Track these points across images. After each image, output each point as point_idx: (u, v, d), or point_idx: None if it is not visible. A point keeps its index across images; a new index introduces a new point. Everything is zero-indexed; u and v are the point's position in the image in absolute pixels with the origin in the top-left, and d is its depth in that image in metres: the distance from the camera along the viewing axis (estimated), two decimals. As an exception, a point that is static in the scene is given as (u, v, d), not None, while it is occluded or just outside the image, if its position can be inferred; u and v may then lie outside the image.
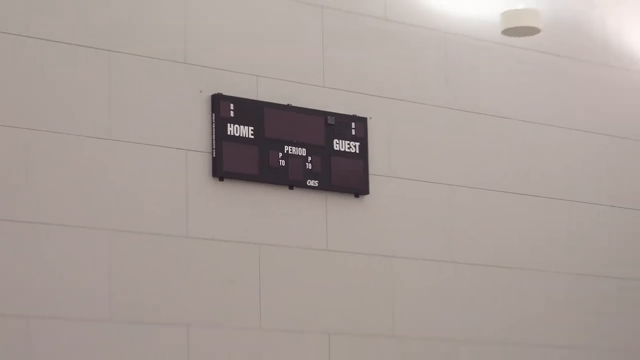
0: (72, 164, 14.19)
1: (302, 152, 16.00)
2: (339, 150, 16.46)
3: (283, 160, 15.80)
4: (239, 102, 15.56)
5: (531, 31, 17.22)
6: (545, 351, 18.62)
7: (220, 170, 15.25)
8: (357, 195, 16.61)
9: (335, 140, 16.43)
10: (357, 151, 16.64)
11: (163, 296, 14.65)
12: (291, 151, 15.95)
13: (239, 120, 15.50)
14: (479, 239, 18.15)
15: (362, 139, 16.70)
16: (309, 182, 16.03)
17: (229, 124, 15.34)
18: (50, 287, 13.71)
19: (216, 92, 15.43)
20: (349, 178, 16.58)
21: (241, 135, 15.52)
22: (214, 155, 15.28)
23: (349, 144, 16.57)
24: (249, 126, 15.58)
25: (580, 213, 19.61)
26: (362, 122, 16.70)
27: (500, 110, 18.68)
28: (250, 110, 15.69)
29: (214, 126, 15.32)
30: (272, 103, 15.92)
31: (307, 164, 16.03)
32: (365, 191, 16.65)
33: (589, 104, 19.92)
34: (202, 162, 15.32)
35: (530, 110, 19.05)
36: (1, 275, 13.38)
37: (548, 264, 19.00)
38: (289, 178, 15.86)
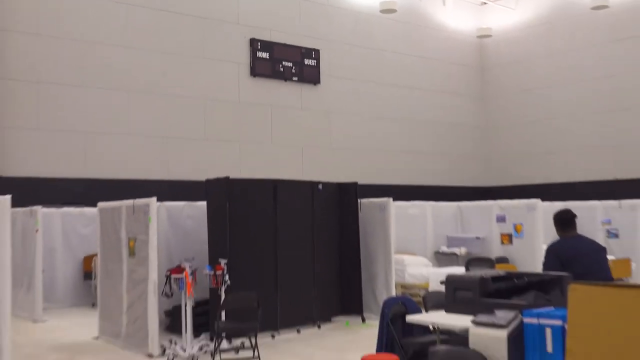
0: (184, 72, 15.69)
1: (290, 64, 17.12)
2: (307, 63, 17.49)
3: (282, 68, 16.97)
4: (262, 42, 16.68)
5: (392, 11, 18.03)
6: (410, 155, 19.62)
7: (254, 72, 16.59)
8: (314, 84, 17.84)
9: (305, 59, 17.47)
10: (315, 64, 17.73)
11: (227, 127, 16.18)
12: (286, 64, 17.04)
13: (262, 50, 16.67)
14: (376, 103, 19.18)
15: (317, 59, 17.76)
16: (293, 78, 17.26)
17: (257, 51, 16.58)
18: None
19: (252, 37, 16.59)
20: (311, 75, 17.67)
21: (263, 57, 16.68)
22: (251, 66, 16.57)
23: (311, 60, 17.62)
24: (266, 52, 16.72)
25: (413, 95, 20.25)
26: (317, 51, 17.77)
27: (382, 46, 19.49)
28: (267, 45, 16.78)
29: (250, 52, 16.52)
30: (277, 42, 17.03)
31: (292, 69, 17.20)
32: (318, 82, 17.88)
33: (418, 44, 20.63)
34: (245, 68, 16.60)
35: (391, 45, 19.72)
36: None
37: (407, 115, 19.77)
38: (284, 77, 17.11)
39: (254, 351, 7.41)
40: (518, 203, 12.36)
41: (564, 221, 5.47)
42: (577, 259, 5.16)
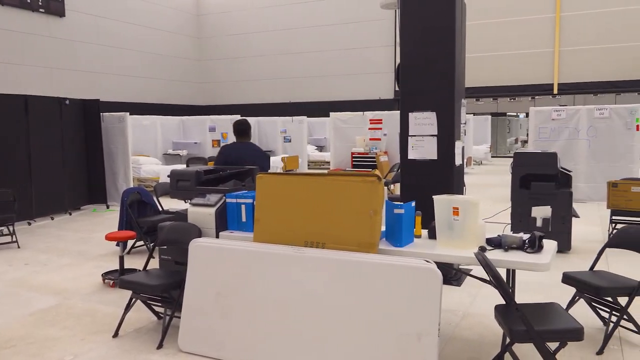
0: None
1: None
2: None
3: (29, 0, 14.31)
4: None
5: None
6: (144, 79, 18.40)
7: (2, 2, 13.63)
8: (60, 16, 15.28)
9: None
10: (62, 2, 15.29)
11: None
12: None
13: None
14: (116, 36, 17.14)
15: (61, -5, 15.33)
16: (40, 10, 14.55)
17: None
18: None
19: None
20: (57, 9, 15.07)
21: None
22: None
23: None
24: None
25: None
26: (61, -12, 15.32)
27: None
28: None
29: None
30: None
31: (39, 2, 14.51)
32: (64, 15, 15.32)
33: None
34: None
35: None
36: None
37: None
38: (32, 7, 14.39)
39: (12, 237, 6.65)
40: (224, 117, 12.59)
41: (239, 131, 5.17)
42: (241, 160, 4.95)
